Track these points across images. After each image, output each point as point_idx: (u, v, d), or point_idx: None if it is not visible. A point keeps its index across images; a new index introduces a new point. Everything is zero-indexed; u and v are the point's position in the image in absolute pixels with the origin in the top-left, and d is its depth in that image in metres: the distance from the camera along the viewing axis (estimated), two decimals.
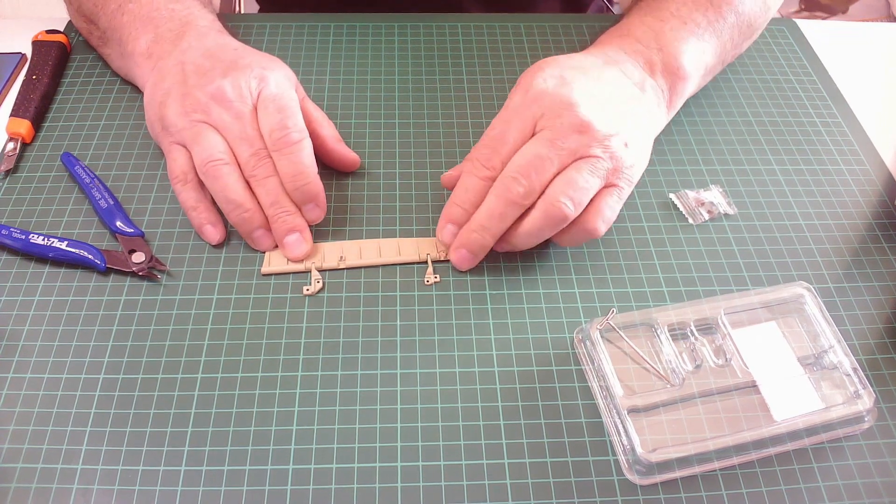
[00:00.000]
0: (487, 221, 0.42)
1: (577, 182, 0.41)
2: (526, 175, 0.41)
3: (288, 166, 0.44)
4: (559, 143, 0.41)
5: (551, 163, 0.41)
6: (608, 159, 0.42)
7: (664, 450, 0.37)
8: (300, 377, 0.40)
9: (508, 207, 0.41)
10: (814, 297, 0.42)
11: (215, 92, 0.45)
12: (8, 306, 0.43)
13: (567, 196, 0.41)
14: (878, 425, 0.40)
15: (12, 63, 0.58)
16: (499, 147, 0.43)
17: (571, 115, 0.42)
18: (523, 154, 0.42)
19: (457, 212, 0.44)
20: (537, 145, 0.42)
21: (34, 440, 0.38)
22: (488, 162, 0.43)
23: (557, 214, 0.41)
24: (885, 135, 0.56)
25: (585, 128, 0.42)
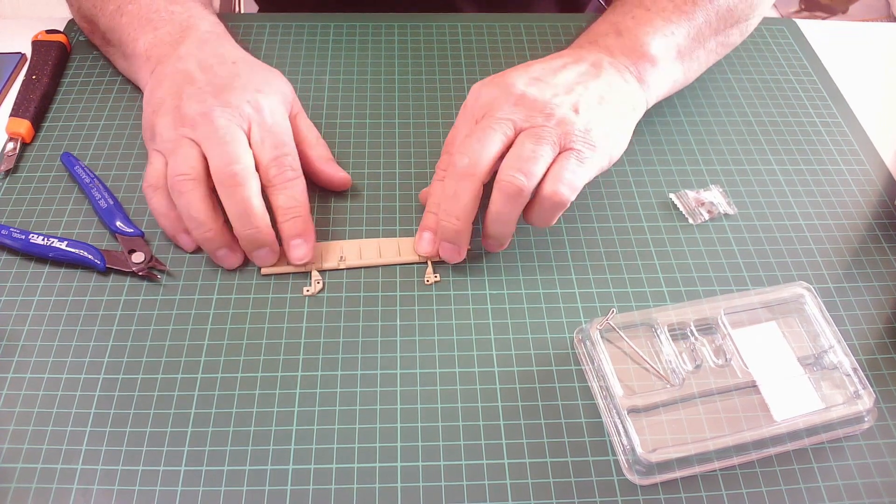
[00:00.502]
0: (447, 204, 0.42)
1: (521, 154, 0.41)
2: (467, 150, 0.42)
3: (283, 199, 0.43)
4: (498, 116, 0.43)
5: (493, 133, 0.42)
6: (553, 125, 0.42)
7: (664, 450, 0.37)
8: (300, 377, 0.40)
9: (459, 183, 0.42)
10: (814, 297, 0.42)
11: (205, 112, 0.44)
12: (8, 306, 0.43)
13: (515, 169, 0.41)
14: (878, 425, 0.40)
15: (12, 63, 0.58)
16: (449, 148, 0.45)
17: (506, 92, 0.44)
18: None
19: (429, 218, 0.45)
20: (479, 127, 0.43)
21: (34, 440, 0.38)
22: (443, 163, 0.45)
23: (512, 189, 0.41)
24: (885, 135, 0.56)
25: (521, 99, 0.43)
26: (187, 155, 0.43)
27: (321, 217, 0.48)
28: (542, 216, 0.43)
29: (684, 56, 0.52)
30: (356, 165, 0.51)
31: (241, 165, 0.42)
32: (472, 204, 0.42)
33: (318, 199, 0.49)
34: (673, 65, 0.51)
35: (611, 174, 0.51)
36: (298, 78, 0.57)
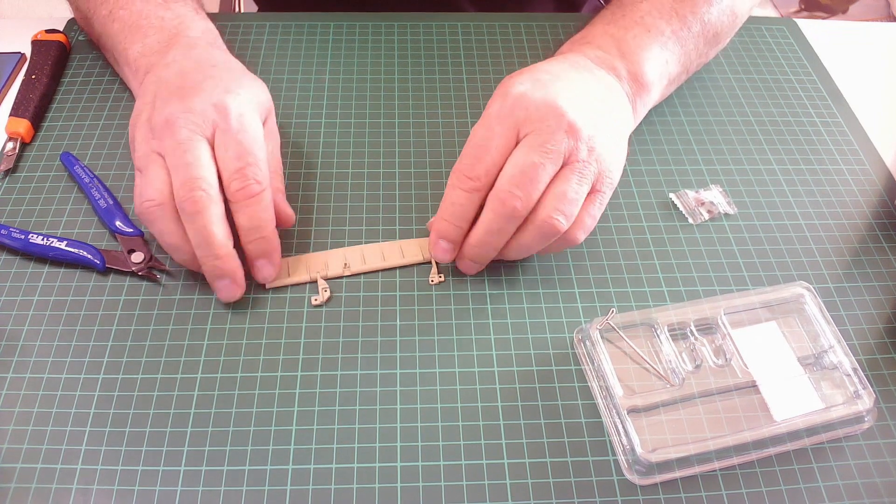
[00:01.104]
0: (486, 237, 0.41)
1: (567, 195, 0.40)
2: (522, 187, 0.40)
3: (245, 219, 0.41)
4: (549, 147, 0.40)
5: (545, 169, 0.40)
6: (594, 162, 0.41)
7: (664, 450, 0.37)
8: (300, 377, 0.40)
9: (507, 223, 0.40)
10: (814, 297, 0.42)
11: (168, 118, 0.41)
12: (7, 306, 0.43)
13: (559, 211, 0.40)
14: (878, 425, 0.39)
15: (12, 62, 0.57)
16: (482, 155, 0.41)
17: (557, 116, 0.40)
18: (515, 164, 0.40)
19: (446, 227, 0.42)
20: (528, 152, 0.40)
21: (33, 440, 0.38)
22: (472, 172, 0.41)
23: (551, 231, 0.40)
24: (885, 135, 0.56)
25: (572, 129, 0.40)
26: (153, 177, 0.40)
27: (321, 217, 0.48)
28: (551, 250, 0.43)
29: (671, 84, 0.52)
30: (356, 165, 0.51)
31: (200, 190, 0.39)
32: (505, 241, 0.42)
33: (318, 199, 0.49)
34: (660, 92, 0.51)
35: None
36: (298, 78, 0.57)
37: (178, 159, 0.40)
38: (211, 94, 0.42)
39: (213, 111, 0.41)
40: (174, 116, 0.41)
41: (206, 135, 0.41)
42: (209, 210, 0.39)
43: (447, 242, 0.43)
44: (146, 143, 0.42)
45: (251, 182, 0.40)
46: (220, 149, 0.41)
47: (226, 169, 0.40)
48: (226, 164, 0.41)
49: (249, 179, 0.40)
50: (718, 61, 0.61)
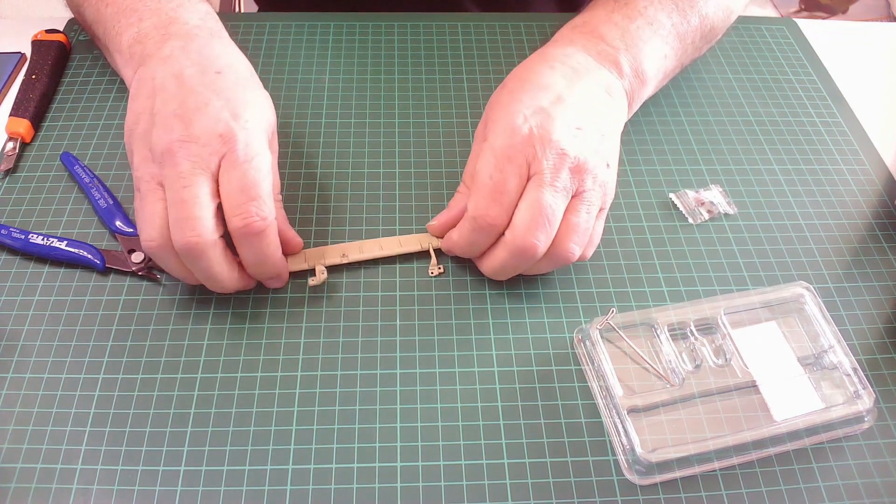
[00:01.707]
0: (501, 271, 0.43)
1: (579, 226, 0.41)
2: (543, 230, 0.40)
3: (249, 254, 0.40)
4: (559, 185, 0.40)
5: (559, 209, 0.40)
6: (598, 188, 0.42)
7: (664, 450, 0.37)
8: (300, 377, 0.40)
9: (523, 262, 0.41)
10: (814, 297, 0.42)
11: (169, 147, 0.38)
12: (7, 306, 0.43)
13: (575, 243, 0.41)
14: (878, 425, 0.39)
15: (12, 62, 0.57)
16: (499, 198, 0.40)
17: (562, 156, 0.40)
18: (530, 205, 0.40)
19: (461, 252, 0.44)
20: (541, 193, 0.40)
21: (33, 440, 0.38)
22: (490, 216, 0.40)
23: (566, 261, 0.42)
24: (886, 135, 0.56)
25: (579, 167, 0.41)
26: (152, 213, 0.39)
27: (321, 217, 0.48)
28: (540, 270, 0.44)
29: (665, 78, 0.52)
30: (356, 165, 0.51)
31: (194, 236, 0.37)
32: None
33: (318, 199, 0.49)
34: (654, 87, 0.51)
35: None
36: (298, 78, 0.57)
37: (176, 194, 0.38)
38: (217, 119, 0.39)
39: (218, 142, 0.39)
40: (175, 146, 0.38)
41: (211, 167, 0.38)
42: (206, 254, 0.38)
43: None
44: (145, 165, 0.39)
45: (254, 219, 0.38)
46: (223, 182, 0.39)
47: (229, 203, 0.38)
48: (229, 198, 0.38)
49: (253, 216, 0.38)
50: (718, 61, 0.61)
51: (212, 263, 0.39)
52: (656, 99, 0.57)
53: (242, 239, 0.39)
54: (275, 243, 0.40)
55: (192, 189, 0.38)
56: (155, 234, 0.38)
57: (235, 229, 0.38)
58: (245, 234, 0.38)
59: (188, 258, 0.38)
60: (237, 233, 0.39)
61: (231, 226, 0.38)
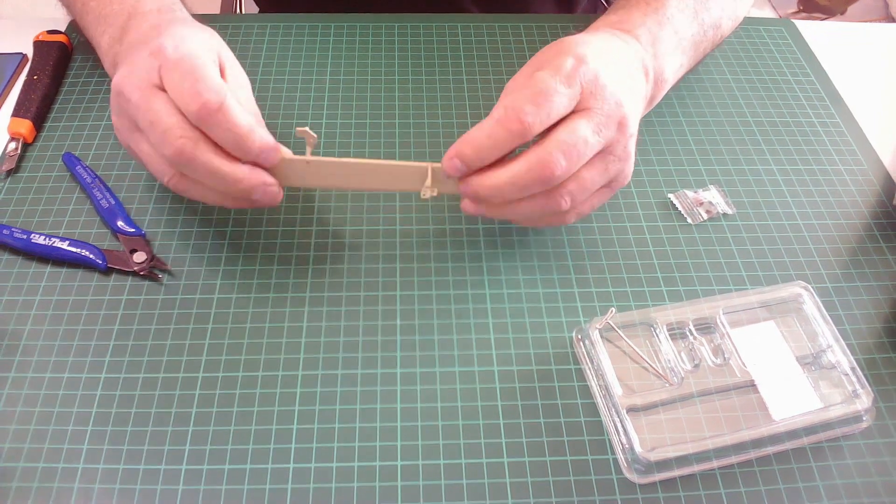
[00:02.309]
0: (508, 188, 0.39)
1: (584, 184, 0.40)
2: (569, 157, 0.38)
3: (224, 136, 0.38)
4: (602, 132, 0.39)
5: (592, 151, 0.39)
6: (623, 161, 0.41)
7: (663, 449, 0.37)
8: (300, 376, 0.41)
9: (536, 185, 0.39)
10: (812, 297, 0.42)
11: (117, 87, 0.40)
12: (10, 306, 0.43)
13: (571, 194, 0.40)
14: (877, 425, 0.40)
15: (14, 63, 0.58)
16: (542, 103, 0.38)
17: (618, 106, 0.40)
18: (570, 131, 0.38)
19: (471, 155, 0.39)
20: (584, 127, 0.39)
21: (35, 439, 0.38)
22: (528, 116, 0.37)
23: (556, 207, 0.40)
24: (884, 135, 0.56)
25: (623, 126, 0.40)
26: (145, 154, 0.41)
27: (321, 217, 0.48)
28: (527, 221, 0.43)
29: (677, 83, 0.53)
30: None
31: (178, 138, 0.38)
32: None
33: (318, 199, 0.49)
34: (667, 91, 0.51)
35: None
36: (299, 78, 0.57)
37: (144, 123, 0.39)
38: (146, 45, 0.41)
39: (151, 59, 0.40)
40: (121, 83, 0.40)
41: (155, 82, 0.39)
42: (197, 151, 0.38)
43: (463, 165, 0.40)
44: (117, 120, 0.42)
45: (204, 97, 0.37)
46: (167, 85, 0.39)
47: (178, 98, 0.38)
48: (177, 94, 0.38)
49: (203, 96, 0.37)
50: (718, 62, 0.61)
51: (210, 158, 0.38)
52: None
53: (207, 122, 0.38)
54: (242, 116, 0.39)
55: (151, 109, 0.38)
56: (161, 173, 0.40)
57: (195, 115, 0.38)
58: (206, 114, 0.38)
59: (188, 167, 0.39)
60: (198, 118, 0.38)
61: (192, 117, 0.38)
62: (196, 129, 0.38)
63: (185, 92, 0.38)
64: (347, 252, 0.46)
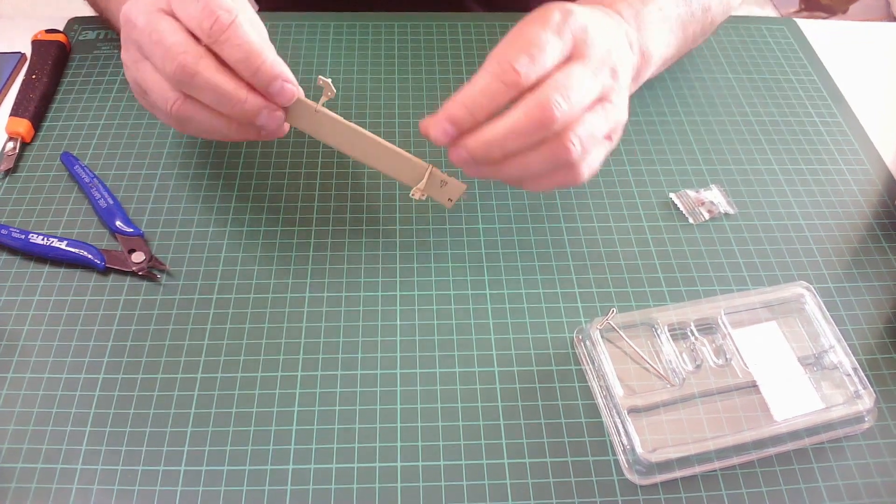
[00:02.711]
0: (508, 138, 0.37)
1: (591, 128, 0.39)
2: (568, 98, 0.37)
3: (233, 52, 0.37)
4: (598, 77, 0.39)
5: (592, 95, 0.38)
6: (620, 111, 0.41)
7: (664, 450, 0.37)
8: (300, 377, 0.40)
9: (536, 131, 0.37)
10: (814, 297, 0.42)
11: (125, 16, 0.40)
12: (7, 306, 0.43)
13: (579, 139, 0.38)
14: (879, 425, 0.39)
15: (12, 62, 0.57)
16: (535, 54, 0.37)
17: (607, 52, 0.39)
18: (567, 74, 0.37)
19: (462, 114, 0.38)
20: (580, 71, 0.38)
21: (34, 440, 0.38)
22: (522, 67, 0.36)
23: (566, 156, 0.38)
24: (886, 134, 0.56)
25: (616, 73, 0.40)
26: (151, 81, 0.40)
27: (321, 217, 0.48)
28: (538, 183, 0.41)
29: (664, 65, 0.52)
30: (357, 165, 0.51)
31: (180, 54, 0.37)
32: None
33: (318, 200, 0.49)
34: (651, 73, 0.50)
35: (611, 174, 0.51)
36: (299, 78, 0.57)
37: (150, 46, 0.39)
38: None
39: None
40: (129, 10, 0.40)
41: (161, 7, 0.39)
42: (199, 64, 0.37)
43: (453, 128, 0.38)
44: (125, 54, 0.41)
45: (217, 14, 0.37)
46: (176, 8, 0.39)
47: (191, 19, 0.38)
48: (187, 16, 0.38)
49: (215, 13, 0.37)
50: (718, 61, 0.61)
51: (213, 73, 0.38)
52: (656, 99, 0.57)
53: (219, 40, 0.37)
54: (253, 34, 0.38)
55: (156, 30, 0.38)
56: (165, 101, 0.39)
57: (207, 34, 0.37)
58: (218, 31, 0.37)
59: (190, 84, 0.38)
60: (211, 36, 0.37)
61: (204, 36, 0.38)
62: (200, 46, 0.38)
63: (195, 11, 0.37)
64: (347, 252, 0.46)
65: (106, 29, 0.60)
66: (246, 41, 0.37)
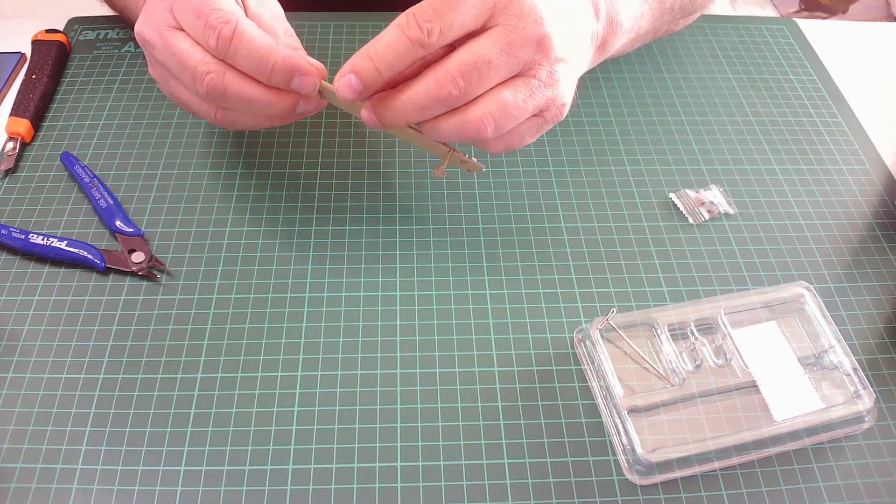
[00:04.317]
0: (409, 108, 0.37)
1: (508, 109, 0.37)
2: (468, 78, 0.36)
3: (245, 63, 0.38)
4: (514, 52, 0.37)
5: (498, 73, 0.37)
6: (550, 87, 0.38)
7: (664, 450, 0.37)
8: (300, 377, 0.40)
9: (435, 105, 0.37)
10: (814, 297, 0.42)
11: (139, 34, 0.41)
12: (7, 306, 0.43)
13: (492, 120, 0.37)
14: (879, 425, 0.39)
15: (12, 62, 0.57)
16: (445, 12, 0.36)
17: (535, 23, 0.37)
18: (471, 50, 0.36)
19: (367, 67, 0.37)
20: (489, 46, 0.36)
21: (34, 440, 0.38)
22: (427, 23, 0.35)
23: (474, 133, 0.38)
24: (886, 135, 0.56)
25: (543, 44, 0.37)
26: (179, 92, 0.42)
27: (321, 217, 0.48)
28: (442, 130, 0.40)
29: (636, 40, 0.51)
30: (357, 165, 0.51)
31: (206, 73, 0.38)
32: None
33: (318, 199, 0.49)
34: (622, 44, 0.49)
35: (611, 174, 0.51)
36: None
37: (175, 67, 0.40)
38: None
39: (160, 2, 0.40)
40: (141, 31, 0.41)
41: (171, 24, 0.39)
42: (227, 81, 0.38)
43: (357, 82, 0.37)
44: (153, 71, 0.43)
45: (219, 26, 0.37)
46: (184, 26, 0.39)
47: (195, 33, 0.38)
48: (192, 29, 0.38)
49: (216, 26, 0.37)
50: (718, 61, 0.61)
51: (240, 87, 0.39)
52: (656, 99, 0.57)
53: (227, 52, 0.38)
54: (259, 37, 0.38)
55: (175, 52, 0.39)
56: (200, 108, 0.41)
57: (214, 47, 0.38)
58: (223, 44, 0.37)
59: (222, 98, 0.39)
60: (219, 50, 0.38)
61: (211, 49, 0.38)
62: (221, 61, 0.39)
63: (199, 28, 0.38)
64: (347, 252, 0.46)
65: (121, 27, 0.61)
66: (253, 48, 0.38)
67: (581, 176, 0.51)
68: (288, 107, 0.40)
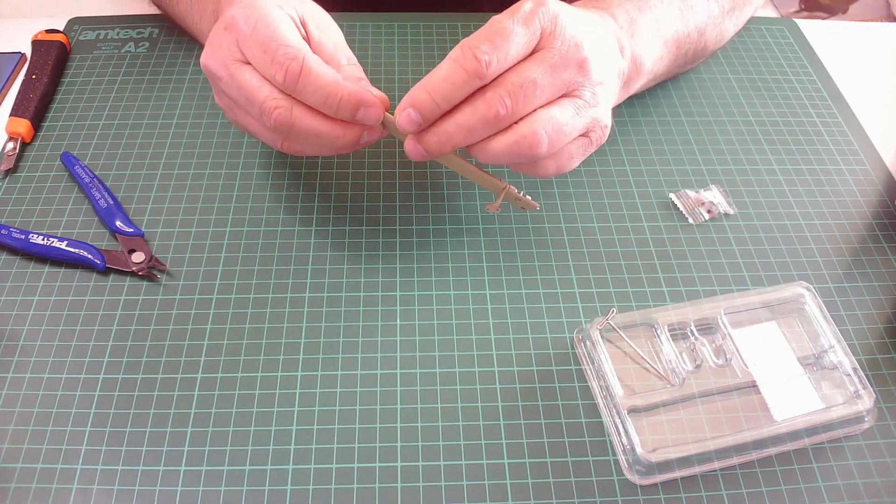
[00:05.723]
0: (455, 131, 0.38)
1: (560, 123, 0.38)
2: (514, 98, 0.37)
3: (312, 99, 0.39)
4: (557, 73, 0.38)
5: (543, 92, 0.38)
6: (594, 107, 0.39)
7: (664, 450, 0.37)
8: (300, 377, 0.40)
9: (484, 126, 0.38)
10: (814, 297, 0.42)
11: (205, 67, 0.42)
12: (7, 306, 0.43)
13: (547, 133, 0.38)
14: (879, 425, 0.39)
15: (12, 62, 0.57)
16: (500, 44, 0.37)
17: (576, 47, 0.38)
18: (519, 72, 0.38)
19: (426, 101, 0.38)
20: (534, 68, 0.38)
21: (34, 440, 0.38)
22: (484, 55, 0.36)
23: (529, 147, 0.38)
24: (886, 135, 0.56)
25: (585, 66, 0.39)
26: (248, 125, 0.43)
27: (321, 217, 0.48)
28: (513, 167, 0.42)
29: (651, 81, 0.52)
30: (357, 165, 0.51)
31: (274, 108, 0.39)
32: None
33: (318, 200, 0.49)
34: (643, 83, 0.50)
35: (611, 174, 0.51)
36: None
37: (243, 101, 0.40)
38: (223, 20, 0.41)
39: (227, 34, 0.40)
40: (207, 63, 0.41)
41: (238, 58, 0.40)
42: (293, 116, 0.39)
43: (417, 115, 0.38)
44: (219, 100, 0.44)
45: (287, 63, 0.38)
46: (250, 60, 0.40)
47: (261, 68, 0.39)
48: (259, 64, 0.39)
49: (284, 63, 0.38)
50: (718, 61, 0.61)
51: (307, 122, 0.39)
52: (656, 99, 0.57)
53: (294, 87, 0.39)
54: (328, 73, 0.39)
55: (242, 85, 0.40)
56: (269, 139, 0.42)
57: (282, 84, 0.39)
58: (291, 81, 0.38)
59: (290, 132, 0.40)
60: (286, 86, 0.39)
61: (280, 85, 0.39)
62: (289, 96, 0.39)
63: (267, 64, 0.39)
64: (347, 252, 0.46)
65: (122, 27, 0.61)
66: (320, 85, 0.38)
67: (581, 176, 0.51)
68: (354, 139, 0.41)
